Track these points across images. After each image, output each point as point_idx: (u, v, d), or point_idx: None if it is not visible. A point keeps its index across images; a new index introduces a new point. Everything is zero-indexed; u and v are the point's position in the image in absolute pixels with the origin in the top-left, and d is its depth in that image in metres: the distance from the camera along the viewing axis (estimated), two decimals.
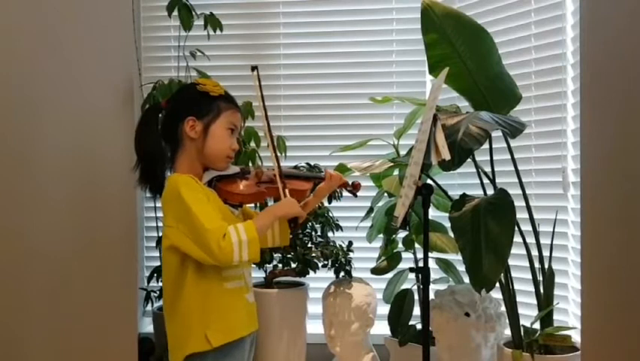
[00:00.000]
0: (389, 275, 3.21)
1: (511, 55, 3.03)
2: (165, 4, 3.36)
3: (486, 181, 2.76)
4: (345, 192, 2.18)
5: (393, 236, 3.11)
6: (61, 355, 2.37)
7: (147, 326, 3.58)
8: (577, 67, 2.66)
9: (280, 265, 3.23)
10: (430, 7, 2.63)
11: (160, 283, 3.43)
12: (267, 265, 3.22)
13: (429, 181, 2.80)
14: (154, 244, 3.46)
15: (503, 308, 2.78)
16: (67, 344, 2.40)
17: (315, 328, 3.25)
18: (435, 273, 2.91)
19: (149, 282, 3.48)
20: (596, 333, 2.10)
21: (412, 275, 3.14)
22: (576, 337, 2.55)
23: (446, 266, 3.14)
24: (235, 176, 1.93)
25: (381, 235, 3.14)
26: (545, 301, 2.62)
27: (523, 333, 2.62)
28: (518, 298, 2.70)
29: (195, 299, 1.79)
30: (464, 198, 2.58)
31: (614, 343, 1.98)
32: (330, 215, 3.22)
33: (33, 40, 2.27)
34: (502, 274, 2.55)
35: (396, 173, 3.00)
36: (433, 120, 1.98)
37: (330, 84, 3.63)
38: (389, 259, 3.14)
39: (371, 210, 3.20)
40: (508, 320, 2.73)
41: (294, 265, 3.19)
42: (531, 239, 2.65)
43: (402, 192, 2.12)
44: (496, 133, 2.55)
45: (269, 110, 1.96)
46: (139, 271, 3.45)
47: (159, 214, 3.50)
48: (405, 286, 3.18)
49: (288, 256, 3.19)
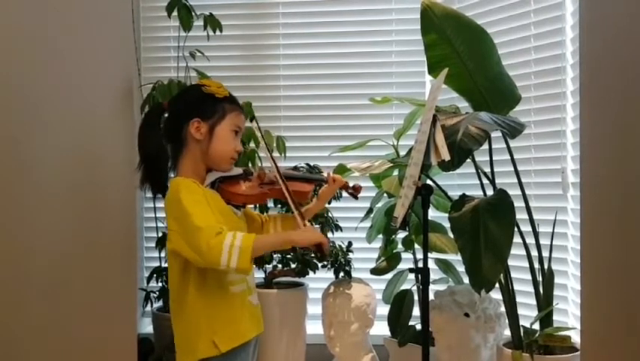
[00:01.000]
0: (389, 276, 3.21)
1: (510, 55, 3.03)
2: (165, 5, 3.35)
3: (485, 182, 2.76)
4: (344, 193, 2.17)
5: (393, 236, 3.11)
6: (61, 355, 2.37)
7: (147, 326, 3.58)
8: (576, 68, 2.66)
9: (280, 266, 3.23)
10: (429, 8, 2.63)
11: (160, 284, 3.43)
12: (267, 266, 3.22)
13: (428, 182, 2.80)
14: (154, 245, 3.45)
15: (503, 309, 2.78)
16: (67, 344, 2.40)
17: (314, 328, 3.25)
18: (434, 273, 2.91)
19: (148, 282, 3.47)
20: (595, 334, 2.10)
21: (412, 276, 3.13)
22: (576, 337, 2.55)
23: (446, 267, 3.15)
24: (238, 177, 1.94)
25: (380, 236, 3.14)
26: (545, 302, 2.62)
27: (522, 334, 2.62)
28: (518, 299, 2.71)
29: (200, 304, 1.79)
30: (464, 198, 2.59)
31: (613, 343, 1.98)
32: (330, 215, 3.22)
33: (32, 41, 2.27)
34: (501, 275, 2.55)
35: (395, 173, 3.01)
36: (433, 121, 1.98)
37: (330, 85, 3.63)
38: (389, 260, 3.14)
39: (370, 210, 3.20)
40: (507, 321, 2.73)
41: (293, 266, 3.19)
42: (531, 240, 2.65)
43: (401, 193, 2.12)
44: (496, 134, 2.55)
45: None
46: (139, 272, 3.45)
47: (159, 215, 3.50)
48: (404, 286, 3.18)
49: (288, 256, 3.19)
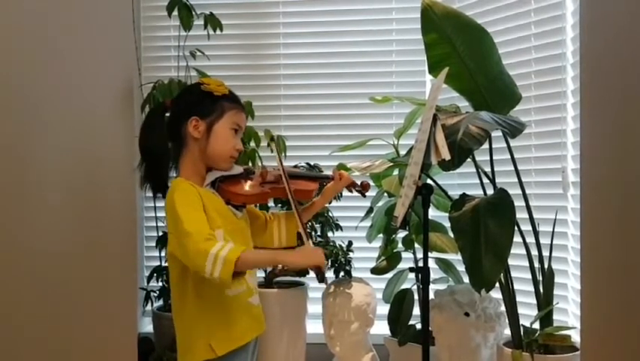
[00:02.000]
0: (389, 275, 3.21)
1: (511, 55, 3.02)
2: (165, 4, 3.35)
3: (486, 181, 2.76)
4: (345, 192, 2.15)
5: (393, 236, 3.11)
6: (61, 354, 2.37)
7: (147, 325, 3.58)
8: (577, 67, 2.66)
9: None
10: (429, 7, 2.63)
11: (160, 283, 3.43)
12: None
13: (429, 181, 2.80)
14: (154, 244, 3.46)
15: (503, 308, 2.78)
16: (68, 343, 2.40)
17: (314, 328, 3.25)
18: (434, 273, 2.90)
19: (148, 282, 3.47)
20: (595, 333, 2.10)
21: (412, 275, 3.13)
22: (576, 337, 2.55)
23: (446, 266, 3.14)
24: (239, 176, 1.91)
25: (380, 235, 3.14)
26: (545, 301, 2.62)
27: (522, 333, 2.62)
28: (518, 298, 2.71)
29: (198, 307, 1.79)
30: (464, 198, 2.58)
31: (613, 343, 1.98)
32: (330, 215, 3.22)
33: (33, 41, 2.27)
34: (501, 274, 2.55)
35: (396, 173, 3.00)
36: (433, 120, 1.98)
37: (330, 84, 3.63)
38: (389, 259, 3.14)
39: (371, 210, 3.20)
40: (507, 320, 2.73)
41: None
42: (531, 239, 2.65)
43: (402, 192, 2.12)
44: (496, 133, 2.55)
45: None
46: (139, 271, 3.45)
47: (159, 214, 3.50)
48: (404, 286, 3.18)
49: None
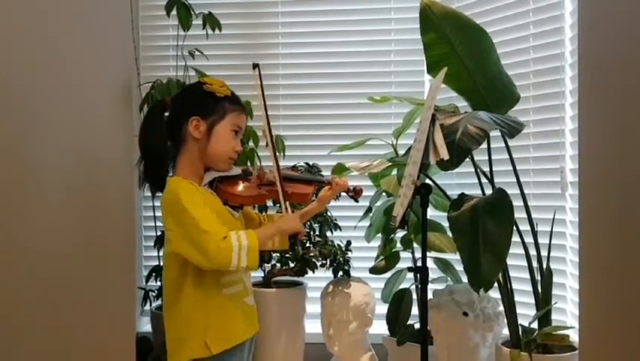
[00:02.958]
0: (387, 275, 3.21)
1: (509, 55, 3.03)
2: (164, 4, 3.35)
3: (484, 181, 2.76)
4: (344, 194, 2.16)
5: (392, 236, 3.12)
6: (59, 354, 2.37)
7: (145, 325, 3.58)
8: (575, 67, 2.66)
9: (279, 265, 3.23)
10: (428, 7, 2.63)
11: (158, 283, 3.43)
12: (266, 265, 3.22)
13: (427, 181, 2.80)
14: (152, 244, 3.46)
15: (501, 308, 2.78)
16: (66, 343, 2.40)
17: (313, 327, 3.25)
18: (433, 272, 2.90)
19: (147, 281, 3.48)
20: (593, 332, 2.11)
21: (411, 275, 3.14)
22: (574, 336, 2.55)
23: (444, 266, 3.15)
24: (237, 177, 1.91)
25: (379, 235, 3.14)
26: (543, 301, 2.62)
27: (521, 332, 2.62)
28: (516, 298, 2.71)
29: (194, 305, 1.80)
30: (462, 197, 2.59)
31: (611, 342, 1.99)
32: (329, 214, 3.22)
33: (31, 40, 2.27)
34: (500, 274, 2.56)
35: (394, 173, 3.01)
36: (432, 120, 1.99)
37: (329, 84, 3.63)
38: (387, 259, 3.14)
39: (369, 209, 3.21)
40: (506, 320, 2.74)
41: (292, 265, 3.19)
42: (529, 239, 2.66)
43: (400, 192, 2.12)
44: (495, 133, 2.56)
45: (268, 109, 1.95)
46: (137, 271, 3.46)
47: (158, 214, 3.50)
48: (403, 285, 3.18)
49: (287, 255, 3.19)
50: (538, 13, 3.00)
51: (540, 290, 2.64)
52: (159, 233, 3.43)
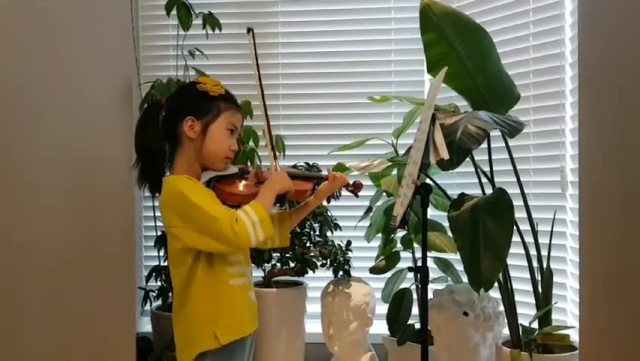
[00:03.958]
0: (388, 274, 3.21)
1: (509, 54, 3.03)
2: (164, 4, 3.35)
3: (484, 180, 2.76)
4: (344, 192, 2.16)
5: (392, 235, 3.11)
6: (59, 354, 2.37)
7: (145, 325, 3.58)
8: (575, 66, 2.66)
9: (279, 265, 3.23)
10: (428, 7, 2.63)
11: (158, 283, 3.43)
12: (266, 265, 3.22)
13: (427, 181, 2.80)
14: (152, 244, 3.46)
15: (502, 307, 2.78)
16: (66, 343, 2.40)
17: (313, 327, 3.25)
18: (433, 272, 2.90)
19: (147, 281, 3.47)
20: (594, 332, 2.11)
21: (411, 274, 3.15)
22: (574, 336, 2.55)
23: (445, 265, 3.15)
24: (234, 176, 1.90)
25: (379, 235, 3.14)
26: (544, 301, 2.62)
27: (521, 332, 2.62)
28: (517, 298, 2.71)
29: (204, 298, 1.80)
30: (463, 197, 2.59)
31: (612, 342, 1.99)
32: (329, 214, 3.22)
33: (31, 39, 2.27)
34: (500, 274, 2.55)
35: (394, 172, 3.01)
36: (432, 120, 1.99)
37: (329, 83, 3.63)
38: (387, 259, 3.14)
39: (370, 209, 3.20)
40: (506, 319, 2.74)
41: (292, 265, 3.19)
42: (529, 238, 2.66)
43: (400, 192, 2.12)
44: (495, 132, 2.55)
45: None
46: (137, 271, 3.45)
47: (158, 213, 3.50)
48: (403, 285, 3.18)
49: (287, 255, 3.19)
50: (538, 13, 3.00)
51: (540, 290, 2.64)
52: (159, 233, 3.42)
